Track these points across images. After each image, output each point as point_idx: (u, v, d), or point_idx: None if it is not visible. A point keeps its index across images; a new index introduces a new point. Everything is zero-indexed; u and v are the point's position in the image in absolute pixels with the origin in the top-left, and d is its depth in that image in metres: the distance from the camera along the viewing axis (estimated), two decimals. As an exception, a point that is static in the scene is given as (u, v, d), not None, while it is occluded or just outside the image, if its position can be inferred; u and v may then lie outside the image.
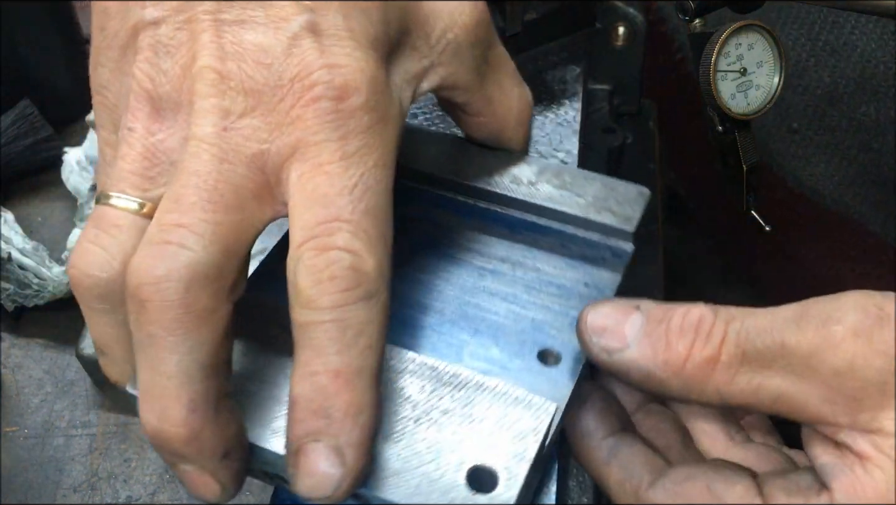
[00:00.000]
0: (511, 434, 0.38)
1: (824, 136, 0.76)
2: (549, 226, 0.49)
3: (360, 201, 0.37)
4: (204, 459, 0.37)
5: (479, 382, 0.40)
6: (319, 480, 0.35)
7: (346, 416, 0.35)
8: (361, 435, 0.36)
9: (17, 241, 0.76)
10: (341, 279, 0.36)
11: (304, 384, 0.36)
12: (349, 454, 0.35)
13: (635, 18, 0.83)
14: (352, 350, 0.36)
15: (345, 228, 0.36)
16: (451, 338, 0.45)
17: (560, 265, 0.47)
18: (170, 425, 0.36)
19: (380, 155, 0.39)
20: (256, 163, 0.38)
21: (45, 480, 0.67)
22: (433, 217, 0.51)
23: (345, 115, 0.38)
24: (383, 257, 0.38)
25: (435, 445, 0.38)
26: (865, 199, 0.77)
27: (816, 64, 0.73)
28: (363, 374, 0.36)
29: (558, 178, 0.49)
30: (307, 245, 0.36)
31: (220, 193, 0.37)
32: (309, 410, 0.35)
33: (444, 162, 0.51)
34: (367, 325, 0.36)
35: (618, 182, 0.49)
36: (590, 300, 0.45)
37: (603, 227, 0.47)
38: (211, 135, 0.37)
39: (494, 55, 0.47)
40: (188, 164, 0.37)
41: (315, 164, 0.37)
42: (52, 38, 0.91)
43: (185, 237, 0.36)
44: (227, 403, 0.37)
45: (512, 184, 0.50)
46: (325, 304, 0.36)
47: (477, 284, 0.47)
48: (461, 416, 0.39)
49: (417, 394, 0.40)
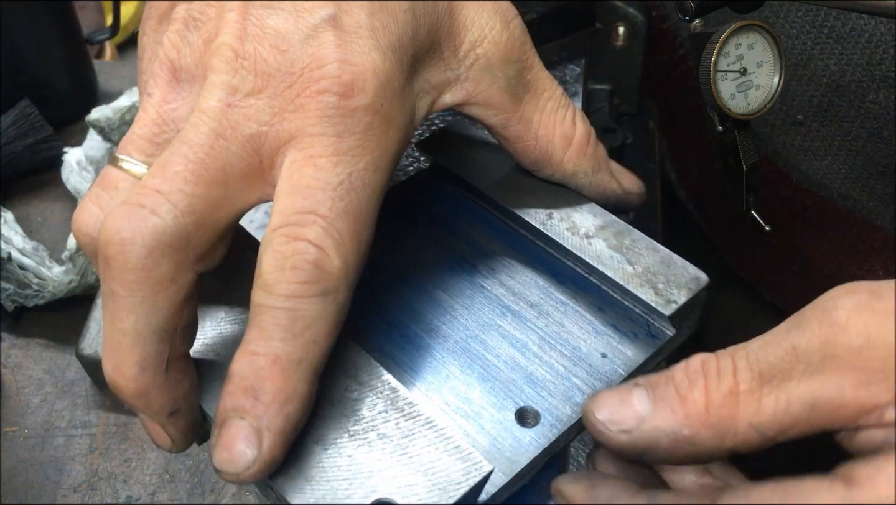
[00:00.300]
0: (433, 481, 0.37)
1: (831, 127, 0.75)
2: (593, 285, 0.47)
3: (340, 200, 0.38)
4: (153, 414, 0.39)
5: (429, 419, 0.39)
6: (233, 456, 0.36)
7: (273, 401, 0.36)
8: (284, 423, 0.37)
9: (17, 241, 0.76)
10: (302, 271, 0.37)
11: (243, 361, 0.37)
12: (267, 439, 0.36)
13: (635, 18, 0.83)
14: (296, 341, 0.37)
15: (318, 223, 0.37)
16: (440, 366, 0.44)
17: (586, 328, 0.46)
18: (121, 378, 0.38)
19: (373, 158, 0.39)
20: (253, 143, 0.39)
21: (45, 480, 0.67)
22: (480, 239, 0.50)
23: (346, 112, 0.39)
24: (351, 259, 0.38)
25: (356, 466, 0.38)
26: (873, 193, 0.75)
27: (822, 52, 0.72)
28: (301, 365, 0.37)
29: (617, 239, 0.47)
30: (279, 231, 0.38)
31: (205, 167, 0.38)
32: (240, 387, 0.37)
33: (509, 188, 0.50)
34: (317, 320, 0.37)
35: (680, 261, 0.46)
36: (595, 373, 0.44)
37: (641, 302, 0.45)
38: (214, 109, 0.39)
39: (534, 77, 0.46)
40: (185, 133, 0.39)
41: (307, 154, 0.38)
42: (52, 38, 0.91)
43: (159, 204, 0.37)
44: (180, 365, 0.39)
45: (567, 231, 0.48)
46: (281, 291, 0.37)
47: (493, 321, 0.46)
48: (395, 445, 0.38)
49: (366, 410, 0.39)
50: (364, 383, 0.41)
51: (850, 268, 0.82)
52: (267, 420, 0.36)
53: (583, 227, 0.48)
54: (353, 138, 0.39)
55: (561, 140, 0.47)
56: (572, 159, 0.48)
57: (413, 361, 0.44)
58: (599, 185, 0.49)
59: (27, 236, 0.78)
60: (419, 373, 0.44)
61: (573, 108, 0.48)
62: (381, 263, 0.49)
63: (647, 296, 0.44)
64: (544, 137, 0.47)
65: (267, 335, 0.37)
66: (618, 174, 0.49)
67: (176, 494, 0.66)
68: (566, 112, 0.47)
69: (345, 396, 0.40)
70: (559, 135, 0.47)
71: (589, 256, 0.46)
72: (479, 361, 0.44)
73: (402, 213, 0.51)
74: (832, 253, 0.83)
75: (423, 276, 0.48)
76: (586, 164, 0.48)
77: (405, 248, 0.49)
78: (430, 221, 0.51)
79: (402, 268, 0.48)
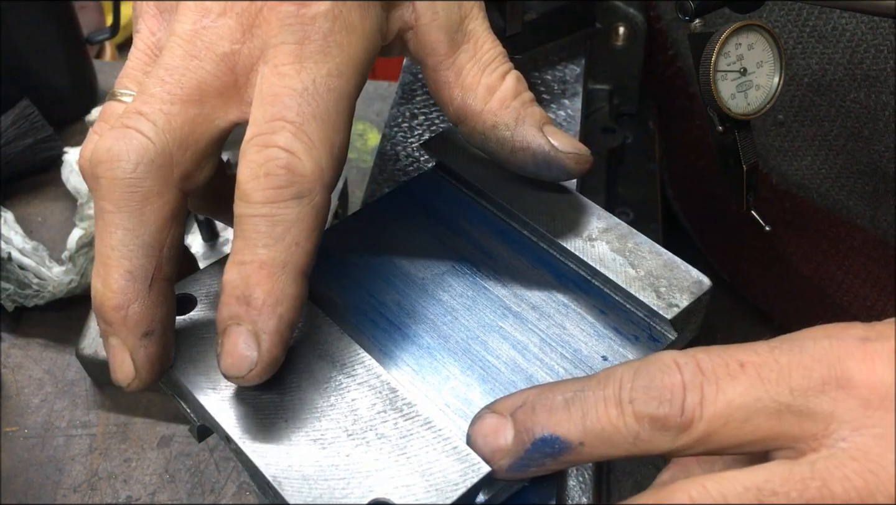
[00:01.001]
0: (430, 482, 0.37)
1: (811, 127, 0.75)
2: (595, 287, 0.47)
3: (307, 105, 0.40)
4: (127, 332, 0.40)
5: (427, 420, 0.39)
6: (236, 360, 0.38)
7: (264, 304, 0.38)
8: (278, 324, 0.38)
9: (17, 241, 0.76)
10: (275, 177, 0.38)
11: (233, 271, 0.39)
12: (264, 340, 0.38)
13: (635, 18, 0.83)
14: (278, 245, 0.38)
15: (287, 129, 0.39)
16: (440, 366, 0.44)
17: (588, 330, 0.45)
18: (107, 290, 0.39)
19: (336, 64, 0.41)
20: (227, 62, 0.41)
21: (45, 480, 0.67)
22: (482, 240, 0.50)
23: (305, 19, 0.41)
24: (324, 162, 0.39)
25: (354, 465, 0.38)
26: (853, 192, 0.75)
27: (804, 51, 0.71)
28: (287, 268, 0.38)
29: (620, 242, 0.47)
30: (252, 141, 0.39)
31: (181, 87, 0.40)
32: (233, 296, 0.38)
33: (512, 190, 0.50)
34: (296, 223, 0.39)
35: (683, 265, 0.46)
36: None
37: (643, 305, 0.45)
38: (188, 31, 0.41)
39: (475, 28, 0.47)
40: (163, 58, 0.41)
41: (273, 65, 0.40)
42: (52, 38, 0.91)
43: (141, 124, 0.40)
44: (162, 286, 0.40)
45: (570, 233, 0.48)
46: (258, 199, 0.38)
47: (495, 322, 0.46)
48: (393, 446, 0.38)
49: (365, 410, 0.40)
50: (362, 383, 0.41)
51: (828, 269, 0.82)
52: (261, 323, 0.38)
53: (586, 230, 0.48)
54: (314, 45, 0.40)
55: (484, 90, 0.46)
56: (493, 110, 0.46)
57: (413, 362, 0.44)
58: (523, 141, 0.46)
59: (27, 236, 0.78)
60: (419, 373, 0.44)
61: (509, 66, 0.48)
62: (382, 262, 0.49)
63: (649, 299, 0.44)
64: (469, 87, 0.47)
65: (251, 244, 0.38)
66: (550, 133, 0.47)
67: (176, 494, 0.66)
68: (499, 66, 0.47)
69: (343, 396, 0.40)
70: (483, 85, 0.46)
71: (591, 258, 0.46)
72: (479, 363, 0.44)
73: (405, 213, 0.51)
74: (811, 254, 0.83)
75: (425, 276, 0.48)
76: (507, 117, 0.46)
77: (407, 248, 0.49)
78: (433, 222, 0.51)
79: (404, 268, 0.48)
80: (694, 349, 0.36)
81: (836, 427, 0.34)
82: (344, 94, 0.41)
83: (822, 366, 0.35)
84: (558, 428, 0.36)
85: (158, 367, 0.41)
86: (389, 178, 0.64)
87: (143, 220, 0.39)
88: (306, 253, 0.39)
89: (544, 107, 0.69)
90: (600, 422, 0.36)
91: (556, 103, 0.69)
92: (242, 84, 0.41)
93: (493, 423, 0.38)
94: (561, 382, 0.38)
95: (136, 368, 0.40)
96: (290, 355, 0.42)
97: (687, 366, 0.35)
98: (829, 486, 0.33)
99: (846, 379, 0.34)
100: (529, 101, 0.47)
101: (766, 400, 0.34)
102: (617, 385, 0.36)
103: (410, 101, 0.69)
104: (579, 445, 0.36)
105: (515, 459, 0.37)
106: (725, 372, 0.35)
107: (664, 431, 0.35)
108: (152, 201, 0.40)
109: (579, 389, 0.37)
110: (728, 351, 0.36)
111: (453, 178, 0.52)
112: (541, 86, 0.71)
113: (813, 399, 0.34)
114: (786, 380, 0.35)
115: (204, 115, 0.41)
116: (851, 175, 0.75)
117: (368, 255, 0.49)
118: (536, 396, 0.38)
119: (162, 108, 0.40)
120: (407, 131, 0.67)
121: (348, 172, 0.90)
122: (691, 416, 0.35)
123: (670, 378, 0.35)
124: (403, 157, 0.65)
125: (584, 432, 0.36)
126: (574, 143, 0.47)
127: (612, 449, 0.36)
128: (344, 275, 0.48)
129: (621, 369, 0.36)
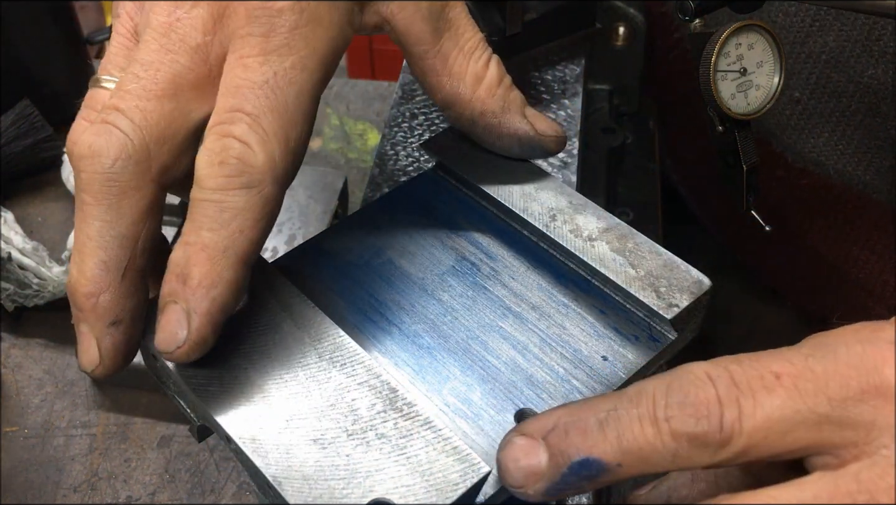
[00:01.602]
0: (430, 482, 0.37)
1: (829, 103, 0.75)
2: (595, 287, 0.47)
3: (266, 98, 0.40)
4: (96, 319, 0.41)
5: (427, 420, 0.39)
6: (167, 335, 0.39)
7: (199, 285, 0.39)
8: (210, 306, 0.39)
9: (17, 241, 0.76)
10: (227, 166, 0.40)
11: (178, 251, 0.40)
12: (195, 320, 0.39)
13: (635, 18, 0.83)
14: (223, 230, 0.39)
15: (244, 120, 0.40)
16: (440, 367, 0.44)
17: (588, 330, 0.45)
18: (82, 277, 0.41)
19: (300, 57, 0.41)
20: (200, 54, 0.42)
21: (45, 480, 0.67)
22: (482, 240, 0.50)
23: (272, 11, 0.41)
24: (277, 154, 0.40)
25: (354, 465, 0.38)
26: (870, 166, 0.75)
27: (821, 28, 0.72)
28: (227, 253, 0.39)
29: (620, 242, 0.47)
30: (212, 129, 0.41)
31: (155, 82, 0.41)
32: (174, 274, 0.40)
33: (512, 189, 0.50)
34: (243, 211, 0.40)
35: (683, 265, 0.46)
36: (596, 376, 0.44)
37: (643, 305, 0.45)
38: (163, 25, 0.42)
39: (456, 16, 0.48)
40: (138, 52, 0.42)
41: (238, 56, 0.41)
42: (52, 38, 0.91)
43: (118, 119, 0.41)
44: (135, 278, 0.41)
45: (570, 233, 0.48)
46: (210, 185, 0.40)
47: (494, 322, 0.46)
48: (393, 446, 0.38)
49: (365, 410, 0.40)
50: (362, 383, 0.41)
51: (844, 245, 0.82)
52: (194, 303, 0.39)
53: (586, 230, 0.48)
54: (279, 37, 0.41)
55: (472, 79, 0.48)
56: (481, 98, 0.48)
57: (413, 362, 0.44)
58: (509, 127, 0.49)
59: (27, 236, 0.78)
60: (419, 373, 0.44)
61: (490, 52, 0.49)
62: (382, 262, 0.49)
63: (649, 299, 0.44)
64: (457, 74, 0.48)
65: (197, 226, 0.40)
66: (532, 118, 0.50)
67: (176, 494, 0.66)
68: (482, 54, 0.49)
69: (343, 396, 0.40)
70: (471, 73, 0.48)
71: (591, 258, 0.46)
72: (479, 363, 0.44)
73: (405, 213, 0.51)
74: (827, 232, 0.83)
75: (425, 276, 0.48)
76: (494, 105, 0.48)
77: (407, 248, 0.49)
78: (433, 222, 0.51)
79: (404, 267, 0.48)
80: (724, 359, 0.36)
81: (878, 435, 0.34)
82: (305, 88, 0.42)
83: (858, 374, 0.34)
84: (594, 450, 0.36)
85: (123, 356, 0.42)
86: (389, 178, 0.64)
87: (119, 213, 0.41)
88: (250, 241, 0.40)
89: (544, 107, 0.69)
90: (637, 442, 0.35)
91: (556, 103, 0.69)
92: (216, 74, 0.42)
93: (524, 446, 0.37)
94: (591, 401, 0.37)
95: (101, 356, 0.41)
96: (291, 355, 0.42)
97: (720, 379, 0.35)
98: (877, 497, 0.33)
99: (885, 387, 0.34)
100: (510, 86, 0.49)
101: (805, 412, 0.34)
102: (650, 403, 0.35)
103: (410, 101, 0.69)
104: (617, 466, 0.35)
105: (551, 483, 0.36)
106: (761, 385, 0.34)
107: (703, 448, 0.34)
108: (129, 195, 0.41)
109: (612, 408, 0.36)
110: (761, 361, 0.35)
111: (453, 178, 0.52)
112: (541, 86, 0.71)
113: (852, 408, 0.34)
114: (823, 390, 0.34)
115: (180, 109, 0.42)
116: (869, 150, 0.74)
117: (368, 255, 0.49)
118: (568, 418, 0.37)
119: (138, 105, 0.41)
120: (407, 131, 0.67)
121: (348, 172, 0.90)
122: (730, 431, 0.34)
123: (705, 393, 0.34)
124: (403, 157, 0.65)
125: (621, 453, 0.35)
126: (553, 126, 0.50)
127: (650, 467, 0.35)
128: (344, 275, 0.48)
129: (653, 385, 0.36)
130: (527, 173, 0.51)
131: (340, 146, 0.95)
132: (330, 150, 0.95)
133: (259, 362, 0.41)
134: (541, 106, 0.69)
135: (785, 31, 0.74)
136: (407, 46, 0.47)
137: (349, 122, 0.97)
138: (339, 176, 0.84)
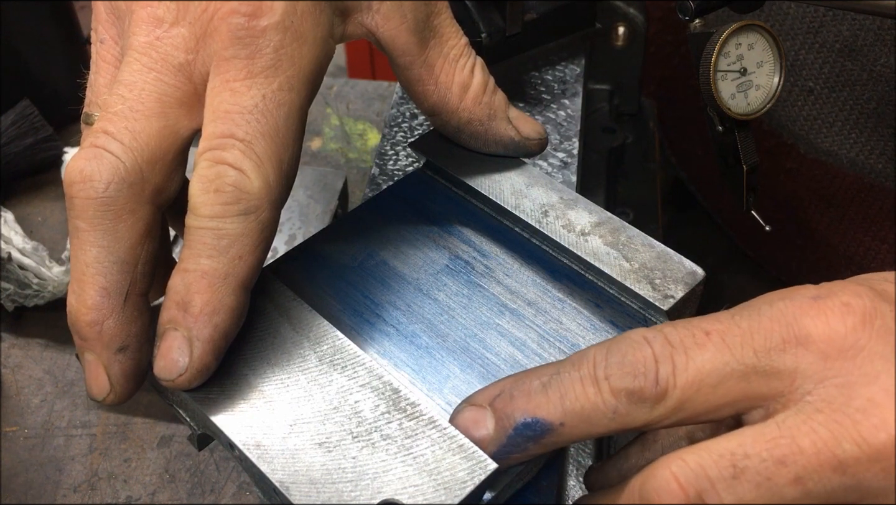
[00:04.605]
0: (438, 481, 0.37)
1: (842, 92, 0.75)
2: (589, 281, 0.47)
3: (257, 122, 0.40)
4: (102, 347, 0.40)
5: (431, 419, 0.39)
6: (168, 363, 0.39)
7: (201, 312, 0.39)
8: (213, 333, 0.39)
9: (17, 241, 0.76)
10: (223, 193, 0.39)
11: (177, 278, 0.40)
12: (197, 347, 0.39)
13: (635, 18, 0.83)
14: (222, 257, 0.39)
15: (237, 147, 0.40)
16: (440, 366, 0.44)
17: (585, 324, 0.46)
18: (82, 306, 0.40)
19: (287, 77, 0.41)
20: (184, 72, 0.41)
21: (45, 480, 0.67)
22: (475, 238, 0.50)
23: (255, 32, 0.41)
24: (272, 179, 0.40)
25: (360, 467, 0.38)
26: (883, 155, 0.75)
27: (834, 18, 0.72)
28: (227, 280, 0.39)
29: (613, 235, 0.47)
30: (204, 156, 0.40)
31: (141, 102, 0.41)
32: (174, 301, 0.39)
33: (504, 187, 0.50)
34: (241, 237, 0.40)
35: (676, 257, 0.46)
36: None
37: (638, 297, 0.45)
38: (144, 45, 0.41)
39: (441, 23, 0.48)
40: (121, 73, 0.41)
41: (223, 79, 0.41)
42: (52, 38, 0.91)
43: (109, 143, 0.40)
44: (138, 301, 0.41)
45: (563, 228, 0.48)
46: (206, 213, 0.39)
47: (492, 320, 0.46)
48: (399, 446, 0.38)
49: (369, 411, 0.40)
50: (364, 385, 0.41)
51: (857, 236, 0.82)
52: (196, 330, 0.39)
53: (578, 225, 0.48)
54: (264, 59, 0.41)
55: (458, 88, 0.48)
56: (468, 107, 0.49)
57: (413, 362, 0.44)
58: (495, 134, 0.50)
59: (27, 236, 0.78)
60: (419, 373, 0.44)
61: (474, 57, 0.49)
62: (376, 264, 0.49)
63: (645, 291, 0.45)
64: (444, 84, 0.48)
65: (196, 253, 0.39)
66: (516, 121, 0.50)
67: (176, 494, 0.66)
68: (467, 61, 0.49)
69: (346, 398, 0.40)
70: (457, 82, 0.48)
71: (585, 252, 0.47)
72: (478, 360, 0.44)
73: (396, 214, 0.51)
74: (839, 222, 0.83)
75: (419, 276, 0.48)
76: (481, 113, 0.49)
77: (400, 249, 0.49)
78: (425, 221, 0.51)
79: (398, 268, 0.48)
80: (661, 324, 0.38)
81: (801, 382, 0.35)
82: (294, 108, 0.41)
83: (780, 326, 0.36)
84: (538, 411, 0.37)
85: (133, 381, 0.41)
86: (389, 178, 0.64)
87: (116, 238, 0.40)
88: (249, 267, 0.40)
89: (544, 107, 0.69)
90: (579, 401, 0.37)
91: (556, 103, 0.69)
92: (202, 91, 0.42)
93: (472, 415, 0.39)
94: (536, 368, 0.39)
95: (112, 383, 0.41)
96: (291, 359, 0.42)
97: (656, 339, 0.37)
98: (798, 441, 0.34)
99: (804, 336, 0.36)
100: (494, 89, 0.50)
101: (733, 364, 0.36)
102: (591, 364, 0.37)
103: (410, 101, 0.69)
104: (560, 426, 0.37)
105: (498, 446, 0.38)
106: (692, 341, 0.36)
107: (641, 403, 0.36)
108: (125, 219, 0.40)
109: (555, 372, 0.38)
110: (692, 322, 0.37)
111: (443, 177, 0.52)
112: (541, 86, 0.71)
113: (776, 358, 0.36)
114: (749, 343, 0.36)
115: (169, 128, 0.41)
116: (882, 138, 0.75)
117: (361, 256, 0.49)
118: (513, 384, 0.39)
119: (127, 126, 0.40)
120: (407, 131, 0.67)
121: (348, 172, 0.90)
122: (665, 385, 0.36)
123: (642, 352, 0.37)
124: (403, 157, 0.65)
125: (563, 413, 0.37)
126: (536, 129, 0.51)
127: (591, 427, 0.37)
128: (338, 277, 0.48)
129: (594, 350, 0.38)
130: (517, 170, 0.51)
131: (340, 146, 0.95)
132: (330, 150, 0.95)
133: (259, 368, 0.41)
134: (541, 106, 0.69)
135: (798, 21, 0.74)
136: (393, 57, 0.47)
137: (349, 122, 0.97)
138: (339, 176, 0.84)
